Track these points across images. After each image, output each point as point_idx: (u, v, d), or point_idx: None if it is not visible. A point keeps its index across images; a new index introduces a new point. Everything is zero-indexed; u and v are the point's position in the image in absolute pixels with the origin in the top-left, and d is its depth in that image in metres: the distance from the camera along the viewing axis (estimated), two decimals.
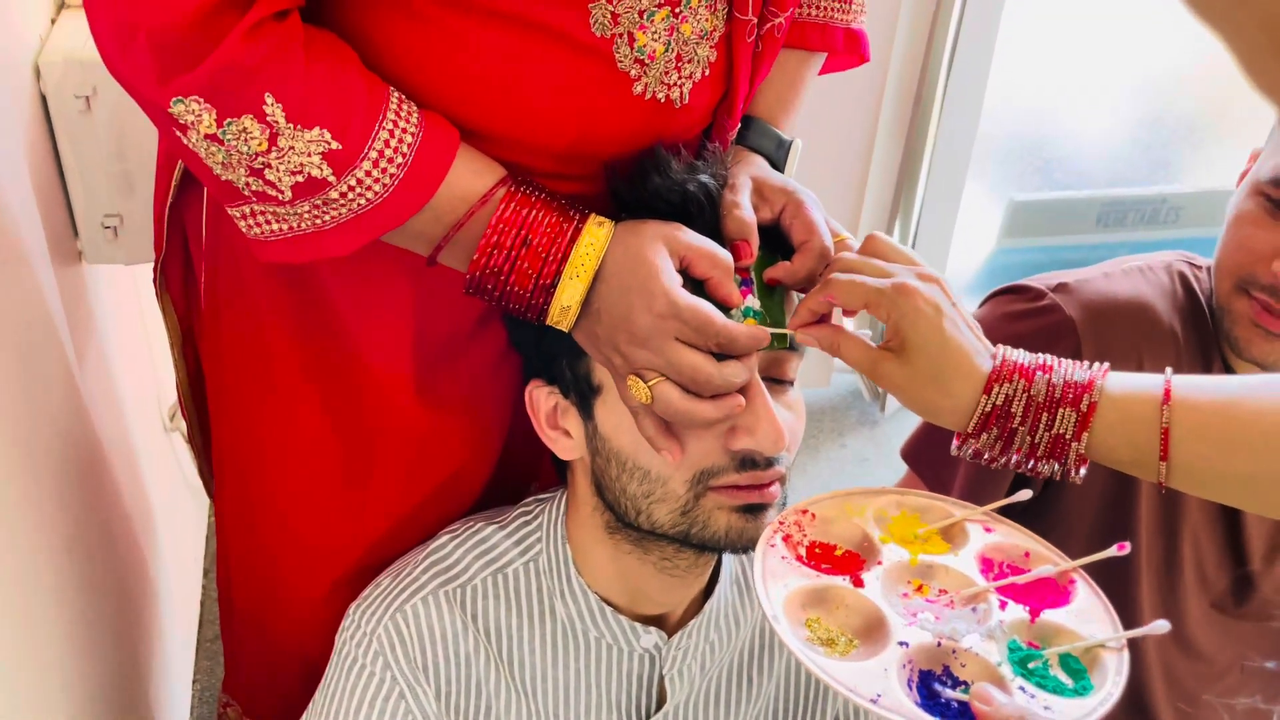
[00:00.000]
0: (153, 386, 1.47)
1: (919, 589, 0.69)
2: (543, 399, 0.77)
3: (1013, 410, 0.64)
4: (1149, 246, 1.08)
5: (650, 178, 0.70)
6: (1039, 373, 0.64)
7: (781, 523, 0.71)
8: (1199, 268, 1.01)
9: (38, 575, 0.80)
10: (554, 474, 0.85)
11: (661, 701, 0.83)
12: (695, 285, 0.68)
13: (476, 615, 0.79)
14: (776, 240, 0.73)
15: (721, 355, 0.66)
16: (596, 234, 0.67)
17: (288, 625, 0.91)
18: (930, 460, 1.08)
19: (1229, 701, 1.11)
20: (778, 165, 0.80)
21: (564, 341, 0.71)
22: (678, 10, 0.68)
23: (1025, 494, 0.72)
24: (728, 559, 0.84)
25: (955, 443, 0.66)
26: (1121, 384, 0.64)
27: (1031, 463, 0.65)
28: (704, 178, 0.71)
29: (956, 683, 0.63)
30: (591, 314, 0.67)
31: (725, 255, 0.68)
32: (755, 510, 0.71)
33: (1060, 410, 0.63)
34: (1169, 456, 0.61)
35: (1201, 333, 0.97)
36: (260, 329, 0.81)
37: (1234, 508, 1.01)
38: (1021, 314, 0.99)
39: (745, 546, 0.72)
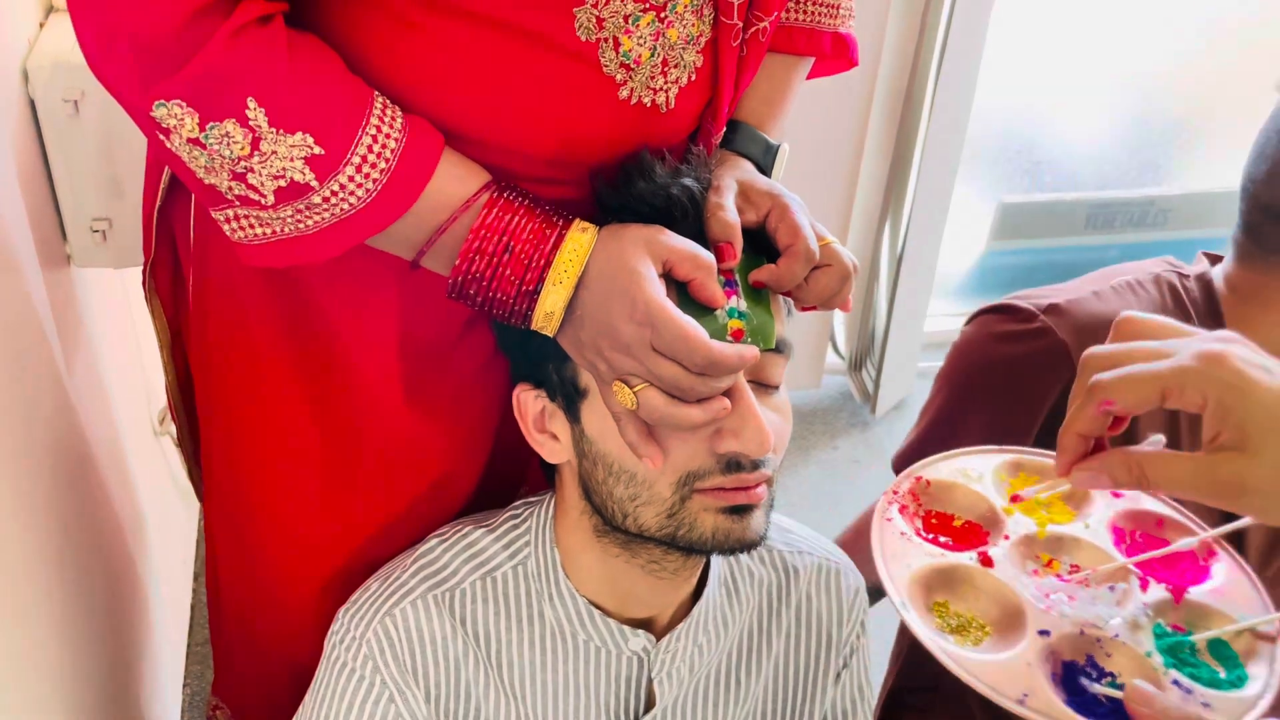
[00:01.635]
0: (142, 390, 1.47)
1: (1049, 564, 0.64)
2: (530, 402, 0.77)
3: None
4: (1137, 248, 1.08)
5: (635, 182, 0.70)
6: None
7: (895, 492, 0.66)
8: (1186, 276, 1.00)
9: (27, 580, 0.80)
10: (542, 477, 0.85)
11: (650, 704, 0.83)
12: (679, 287, 0.68)
13: (465, 619, 0.79)
14: (762, 243, 0.73)
15: None
16: (580, 240, 0.67)
17: (277, 629, 0.91)
18: None
19: None
20: (765, 170, 0.80)
21: (550, 345, 0.72)
22: (663, 15, 0.69)
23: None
24: (715, 561, 0.84)
25: None
26: None
27: None
28: (688, 181, 0.71)
29: (1102, 674, 0.59)
30: (575, 320, 0.67)
31: (708, 257, 0.68)
32: (742, 511, 0.72)
33: None
34: None
35: None
36: (248, 331, 0.81)
37: (1230, 509, 1.01)
38: (1012, 336, 0.97)
39: (733, 548, 0.72)
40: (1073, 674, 0.59)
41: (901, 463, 1.10)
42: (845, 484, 2.11)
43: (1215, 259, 1.00)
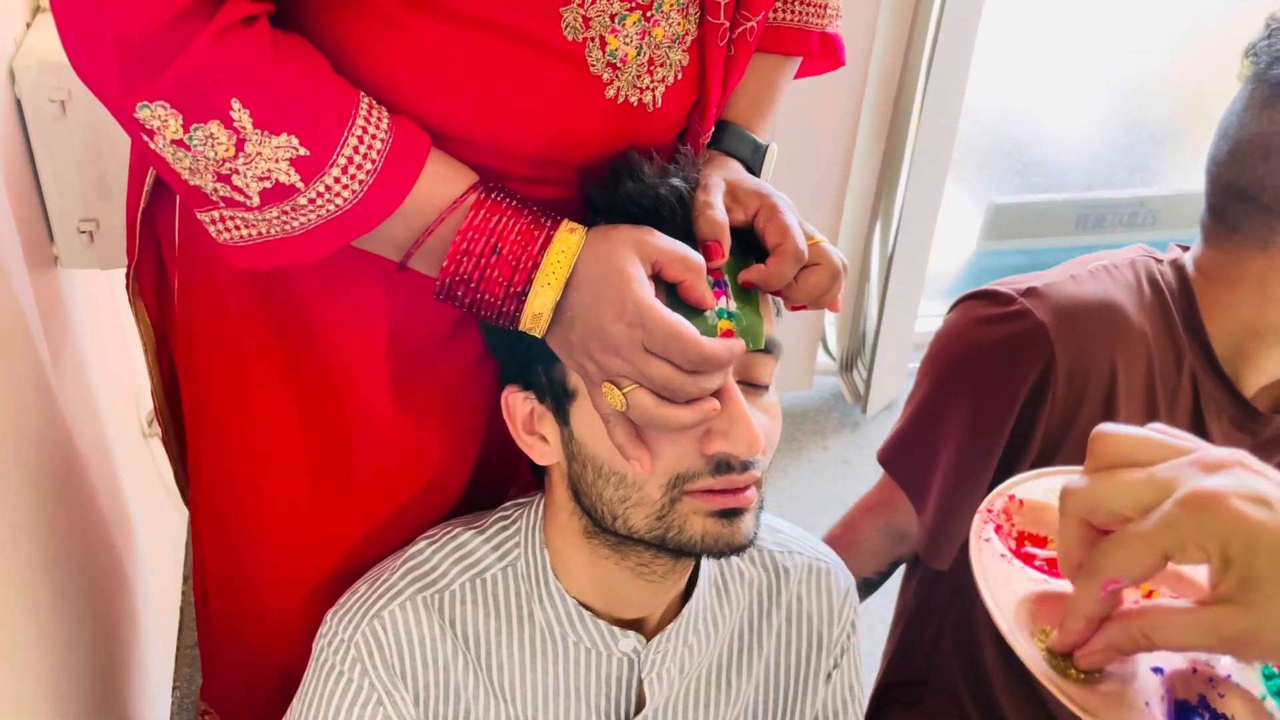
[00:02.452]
0: (130, 392, 1.46)
1: (1149, 595, 0.61)
2: (519, 404, 0.77)
3: None
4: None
5: (623, 182, 0.70)
6: None
7: (989, 510, 0.64)
8: (1160, 261, 1.02)
9: (14, 582, 0.79)
10: (532, 479, 0.85)
11: (641, 705, 0.83)
12: (669, 289, 0.68)
13: (454, 621, 0.79)
14: (750, 243, 0.73)
15: None
16: (568, 241, 0.67)
17: (265, 632, 0.91)
18: (908, 465, 1.08)
19: None
20: (753, 170, 0.80)
21: (539, 347, 0.71)
22: (649, 14, 0.69)
23: None
24: (706, 562, 0.84)
25: None
26: None
27: None
28: (676, 181, 0.71)
29: (1216, 716, 0.56)
30: (564, 321, 0.67)
31: (697, 258, 0.68)
32: (731, 515, 0.71)
33: None
34: None
35: (1169, 325, 0.98)
36: (235, 334, 0.81)
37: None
38: (992, 319, 0.99)
39: (722, 551, 0.72)
40: (1186, 714, 0.56)
41: (886, 454, 1.11)
42: (836, 484, 2.11)
43: (1187, 249, 1.02)
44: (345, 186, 0.64)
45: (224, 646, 0.97)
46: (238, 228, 0.66)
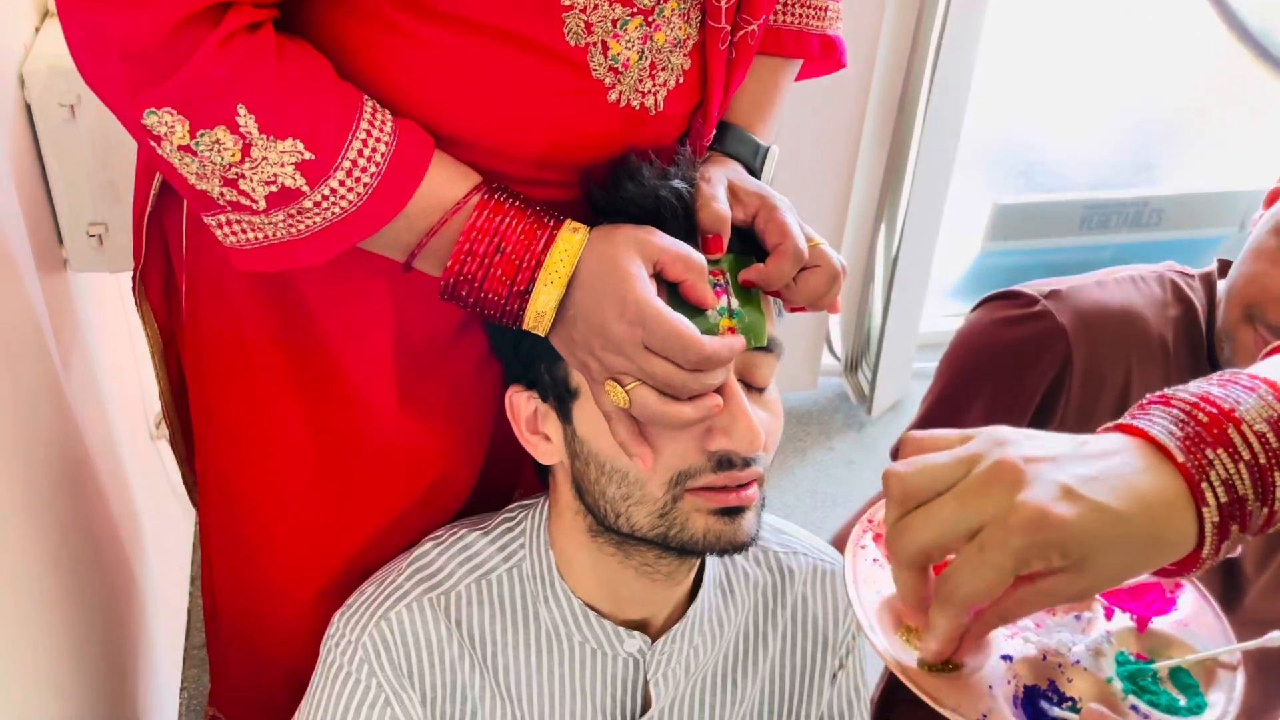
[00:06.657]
0: (139, 394, 1.47)
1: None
2: (522, 404, 0.77)
3: (1239, 493, 0.48)
4: (1132, 248, 1.10)
5: (624, 184, 0.71)
6: (1229, 427, 0.48)
7: (871, 520, 0.68)
8: (1191, 276, 1.02)
9: (23, 583, 0.80)
10: (537, 481, 0.86)
11: (646, 705, 0.83)
12: (670, 288, 0.69)
13: (461, 621, 0.79)
14: (750, 243, 0.74)
15: None
16: (571, 240, 0.67)
17: (273, 634, 0.91)
18: None
19: None
20: (754, 172, 0.80)
21: (542, 346, 0.72)
22: (651, 19, 0.69)
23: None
24: (711, 562, 0.85)
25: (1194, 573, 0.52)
26: None
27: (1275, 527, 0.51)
28: (676, 183, 0.71)
29: (1063, 699, 0.60)
30: (567, 320, 0.68)
31: (699, 258, 0.69)
32: (733, 513, 0.72)
33: None
34: None
35: (1193, 342, 0.98)
36: (241, 337, 0.81)
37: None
38: (1013, 320, 1.00)
39: (724, 549, 0.73)
40: (1034, 698, 0.61)
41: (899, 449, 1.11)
42: (841, 485, 2.12)
43: (1226, 266, 1.01)
44: (350, 190, 0.64)
45: (232, 650, 0.98)
46: (244, 231, 0.67)
